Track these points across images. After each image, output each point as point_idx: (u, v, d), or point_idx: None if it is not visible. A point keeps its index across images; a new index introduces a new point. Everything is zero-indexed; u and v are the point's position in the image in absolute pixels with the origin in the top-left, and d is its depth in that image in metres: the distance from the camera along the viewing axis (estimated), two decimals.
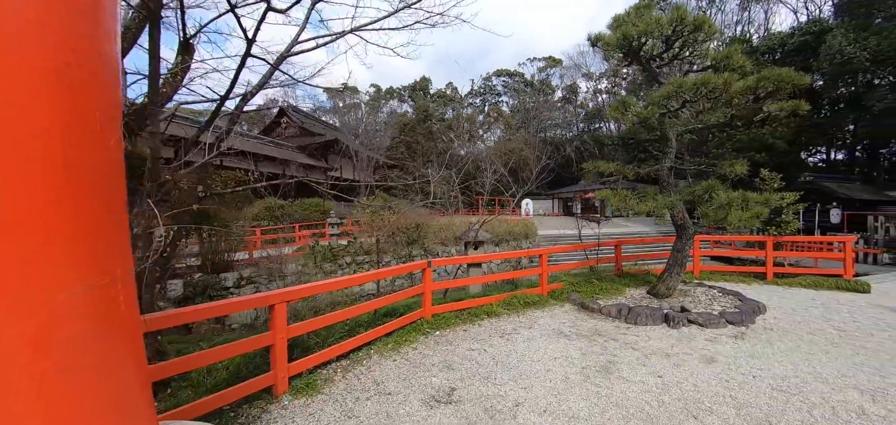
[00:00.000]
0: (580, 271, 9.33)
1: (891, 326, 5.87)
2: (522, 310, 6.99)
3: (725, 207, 6.03)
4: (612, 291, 7.78)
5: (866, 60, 25.97)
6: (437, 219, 26.94)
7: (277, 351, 3.99)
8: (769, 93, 6.32)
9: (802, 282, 8.66)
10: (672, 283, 7.19)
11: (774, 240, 9.02)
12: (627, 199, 6.87)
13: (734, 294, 7.33)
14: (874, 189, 25.14)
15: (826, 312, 6.66)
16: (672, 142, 7.36)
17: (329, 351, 4.65)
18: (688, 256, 7.22)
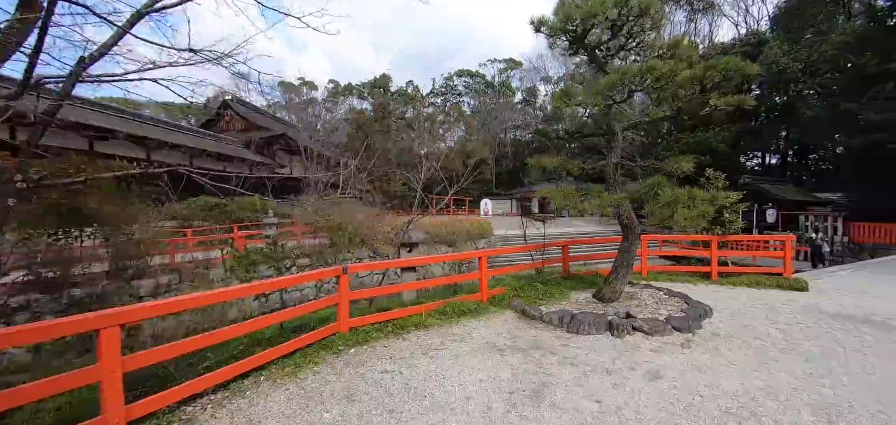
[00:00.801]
0: (527, 274, 8.76)
1: (832, 327, 5.64)
2: (457, 319, 6.25)
3: (671, 205, 5.59)
4: (556, 296, 7.22)
5: (798, 71, 27.69)
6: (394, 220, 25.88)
7: (107, 388, 2.98)
8: (716, 84, 5.96)
9: (745, 282, 8.55)
10: (618, 287, 6.72)
11: (719, 239, 8.88)
12: (571, 197, 6.32)
13: (681, 296, 6.98)
14: (804, 190, 26.81)
15: (770, 313, 6.42)
16: (618, 136, 6.92)
17: (197, 383, 3.65)
18: (635, 257, 6.79)
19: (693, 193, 5.56)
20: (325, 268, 6.38)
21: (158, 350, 3.47)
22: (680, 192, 5.53)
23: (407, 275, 7.40)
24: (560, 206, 6.37)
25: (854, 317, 6.24)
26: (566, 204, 6.29)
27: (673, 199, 5.53)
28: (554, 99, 6.32)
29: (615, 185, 6.77)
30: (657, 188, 5.87)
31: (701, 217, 6.33)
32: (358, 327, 5.64)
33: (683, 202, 5.52)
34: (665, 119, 6.80)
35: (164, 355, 3.46)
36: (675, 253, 14.00)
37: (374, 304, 7.23)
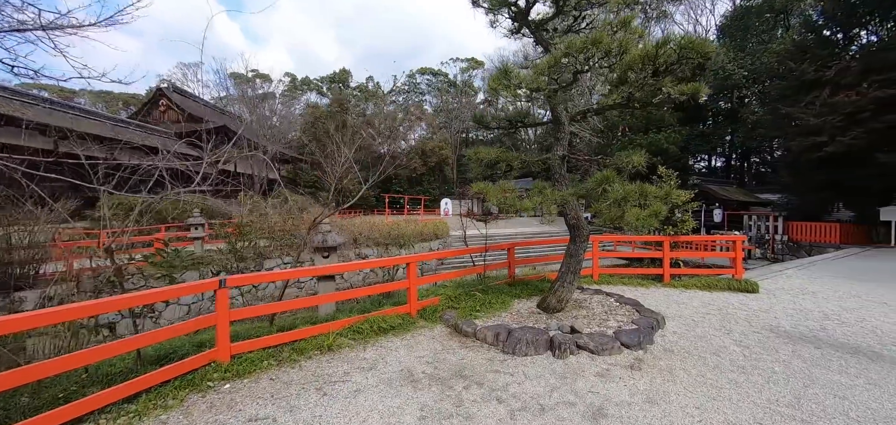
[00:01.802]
0: (469, 280, 7.87)
1: (791, 337, 5.11)
2: (375, 338, 5.23)
3: (621, 203, 4.85)
4: (497, 305, 6.36)
5: (743, 77, 28.88)
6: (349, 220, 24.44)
7: None
8: (669, 67, 5.29)
9: (697, 284, 8.10)
10: (564, 295, 5.94)
11: (671, 239, 8.41)
12: (507, 194, 5.46)
13: (632, 303, 6.31)
14: (747, 191, 27.97)
15: (724, 321, 5.86)
16: (565, 126, 6.15)
17: None
18: (583, 261, 6.04)
19: (645, 189, 4.85)
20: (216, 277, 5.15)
21: None
22: (630, 188, 4.81)
23: (323, 285, 6.28)
24: (498, 204, 5.47)
25: (810, 329, 5.78)
26: (502, 201, 5.43)
27: (623, 196, 4.79)
28: (490, 81, 5.41)
29: (561, 181, 5.99)
30: (606, 184, 5.12)
31: (653, 216, 5.68)
32: (243, 354, 4.49)
33: (634, 199, 4.79)
34: (616, 107, 6.10)
35: None
36: (631, 254, 13.68)
37: (277, 323, 6.05)
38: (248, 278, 5.68)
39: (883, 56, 17.29)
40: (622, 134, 27.09)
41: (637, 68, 5.13)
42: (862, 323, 5.75)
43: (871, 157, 16.32)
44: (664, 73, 5.23)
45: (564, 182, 5.97)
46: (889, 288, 8.35)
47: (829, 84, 18.68)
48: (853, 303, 7.00)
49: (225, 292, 4.41)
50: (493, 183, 5.74)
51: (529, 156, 6.07)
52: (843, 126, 17.13)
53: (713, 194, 23.67)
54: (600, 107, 6.34)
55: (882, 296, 7.64)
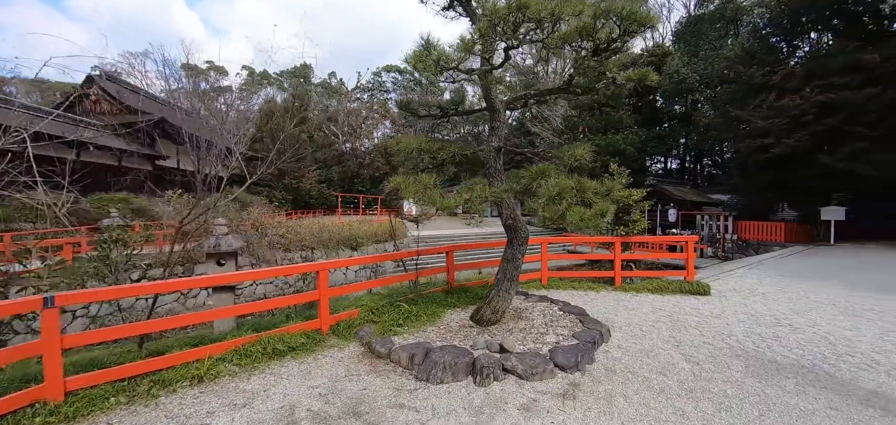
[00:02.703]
0: (402, 288, 7.01)
1: (744, 349, 4.59)
2: (267, 363, 4.29)
3: (556, 199, 4.15)
4: (425, 318, 5.54)
5: (696, 81, 29.72)
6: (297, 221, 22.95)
7: None
8: (612, 44, 4.66)
9: (649, 287, 7.63)
10: (500, 305, 5.21)
11: (622, 240, 7.92)
12: (427, 190, 4.65)
13: (577, 312, 5.67)
14: (700, 192, 28.77)
15: (675, 329, 5.32)
16: (501, 113, 5.42)
17: None
18: (521, 266, 5.33)
19: (583, 185, 4.17)
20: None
21: None
22: (565, 183, 4.11)
23: (219, 297, 5.24)
24: (415, 200, 4.64)
25: (762, 337, 5.33)
26: (421, 198, 4.61)
27: (557, 192, 4.08)
28: (411, 60, 4.56)
29: (497, 176, 5.26)
30: (541, 177, 4.41)
31: (599, 216, 5.05)
32: (84, 390, 3.45)
33: (570, 196, 4.10)
34: (557, 92, 5.44)
35: None
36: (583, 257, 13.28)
37: (162, 345, 4.97)
38: (85, 295, 4.42)
39: (824, 62, 17.95)
40: (582, 134, 27.12)
41: (574, 43, 4.45)
42: (814, 329, 5.36)
43: (814, 159, 16.84)
44: (606, 51, 4.58)
45: (500, 177, 5.24)
46: (834, 287, 8.22)
47: (776, 88, 19.25)
48: (802, 305, 6.70)
49: (53, 313, 3.34)
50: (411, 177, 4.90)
51: (458, 146, 5.30)
52: (788, 128, 17.62)
53: (668, 194, 24.05)
54: (539, 92, 5.66)
55: (828, 295, 7.44)
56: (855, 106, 15.69)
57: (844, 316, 6.06)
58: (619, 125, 26.31)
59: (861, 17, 18.74)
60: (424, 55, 4.73)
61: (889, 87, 15.07)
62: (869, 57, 15.75)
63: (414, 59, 4.74)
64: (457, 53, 4.74)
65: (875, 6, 18.36)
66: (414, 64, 4.76)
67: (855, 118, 15.80)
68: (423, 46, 4.78)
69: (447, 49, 4.77)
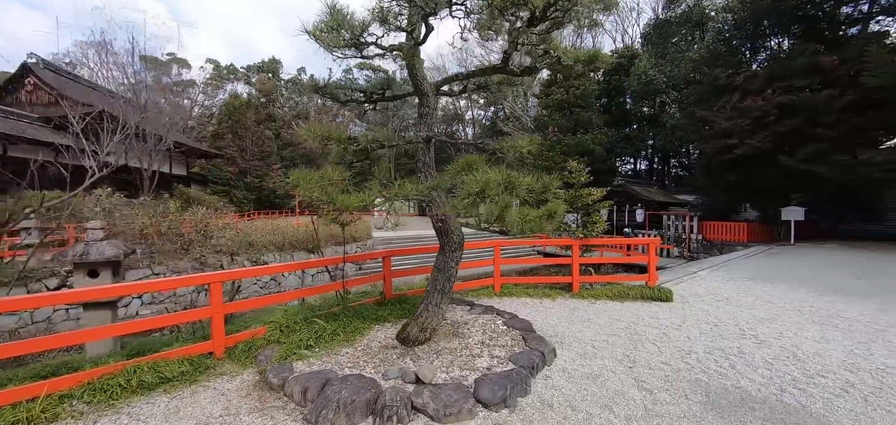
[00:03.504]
0: (329, 298, 6.13)
1: (706, 371, 3.96)
2: (127, 399, 3.39)
3: (480, 197, 3.38)
4: (344, 335, 4.69)
5: (663, 83, 29.96)
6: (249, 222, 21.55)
7: None
8: (549, 13, 3.93)
9: (608, 293, 7.03)
10: (429, 320, 4.41)
11: (581, 243, 7.29)
12: (330, 187, 3.81)
13: (523, 327, 4.94)
14: (667, 193, 29.02)
15: (631, 345, 4.66)
16: (430, 98, 4.64)
17: None
18: (455, 276, 4.56)
19: (512, 180, 3.41)
20: None
21: None
22: (491, 178, 3.34)
23: (92, 315, 4.23)
24: (314, 199, 3.77)
25: (726, 353, 4.74)
26: (321, 196, 3.76)
27: (480, 188, 3.31)
28: (314, 30, 3.68)
29: (425, 171, 4.47)
30: (467, 170, 3.64)
31: (544, 218, 4.35)
32: None
33: (496, 192, 3.33)
34: (493, 71, 4.69)
35: None
36: (535, 260, 12.70)
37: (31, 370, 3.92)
38: None
39: (786, 64, 18.14)
40: (552, 133, 26.82)
41: (507, 10, 3.70)
42: (780, 342, 4.82)
43: (775, 160, 16.92)
44: (544, 19, 3.86)
45: (429, 172, 4.45)
46: (797, 290, 7.86)
47: (739, 89, 19.36)
48: (767, 312, 6.23)
49: None
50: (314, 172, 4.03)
51: (373, 136, 4.48)
52: (751, 129, 17.68)
53: (636, 195, 24.00)
54: (471, 72, 4.89)
55: (792, 300, 7.03)
56: (815, 107, 15.83)
57: (810, 324, 5.58)
58: (588, 125, 26.14)
59: (819, 23, 19.09)
60: (331, 21, 3.88)
61: (847, 89, 15.24)
62: (828, 59, 15.92)
63: (317, 29, 3.89)
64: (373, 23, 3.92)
65: (832, 13, 18.73)
66: (317, 33, 3.90)
67: (814, 119, 15.94)
68: (330, 13, 3.92)
69: (357, 13, 3.94)
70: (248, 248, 15.71)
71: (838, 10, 18.73)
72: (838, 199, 19.32)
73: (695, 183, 26.55)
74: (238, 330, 4.84)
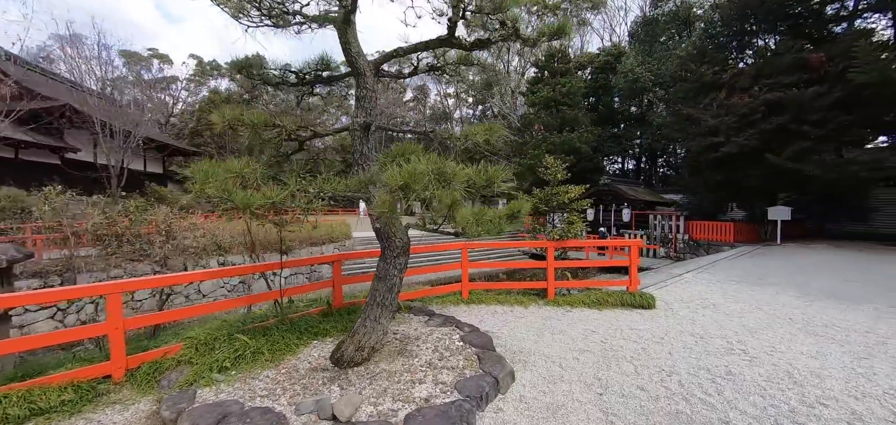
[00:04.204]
0: (268, 308, 5.43)
1: (688, 400, 3.35)
2: None
3: (404, 192, 2.71)
4: (267, 355, 3.99)
5: (650, 80, 29.66)
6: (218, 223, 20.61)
7: None
8: None
9: (586, 300, 6.42)
10: (366, 338, 3.74)
11: (556, 245, 6.67)
12: (229, 182, 3.11)
13: (481, 343, 4.29)
14: (653, 192, 28.70)
15: (604, 364, 4.04)
16: (368, 78, 3.96)
17: None
18: (399, 285, 3.89)
19: (445, 172, 2.74)
20: None
21: None
22: (418, 170, 2.67)
23: None
24: (211, 196, 3.05)
25: (712, 373, 4.15)
26: (217, 192, 3.06)
27: (404, 182, 2.64)
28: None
29: (364, 162, 3.79)
30: (401, 159, 2.98)
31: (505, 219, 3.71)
32: None
33: (424, 186, 2.67)
34: (439, 44, 4.02)
35: None
36: (495, 265, 12.11)
37: None
38: None
39: (773, 61, 17.83)
40: (538, 132, 26.31)
41: None
42: (773, 358, 4.24)
43: (762, 158, 16.58)
44: None
45: (367, 165, 3.78)
46: (787, 294, 7.36)
47: (726, 86, 19.03)
48: (756, 320, 5.68)
49: None
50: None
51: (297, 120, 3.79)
52: (737, 127, 17.32)
53: (623, 194, 23.59)
54: (414, 46, 4.21)
55: (783, 306, 6.51)
56: (801, 104, 15.50)
57: (805, 335, 5.03)
58: (574, 123, 25.69)
59: (805, 20, 18.82)
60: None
61: (835, 86, 14.93)
62: (815, 56, 15.61)
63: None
64: None
65: (818, 11, 18.48)
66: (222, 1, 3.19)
67: (801, 117, 15.61)
68: None
69: None
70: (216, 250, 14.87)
71: (824, 8, 18.50)
72: (824, 199, 19.09)
73: (681, 182, 26.26)
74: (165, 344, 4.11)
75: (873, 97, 14.27)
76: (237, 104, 41.50)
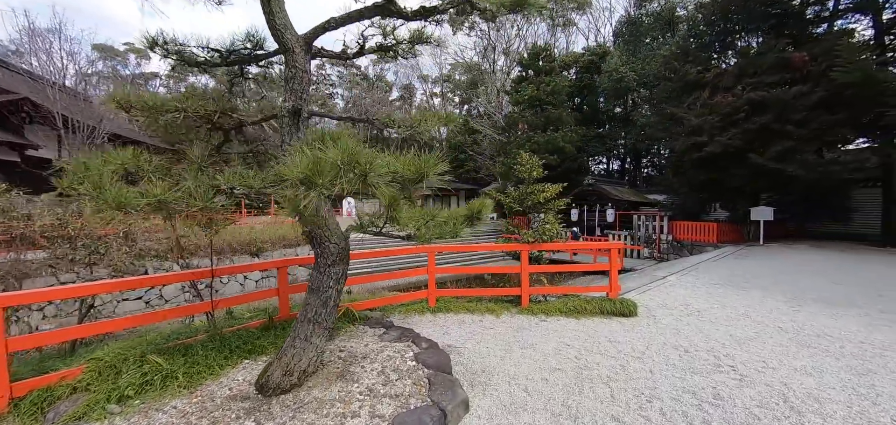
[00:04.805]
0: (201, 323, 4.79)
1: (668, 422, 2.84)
2: None
3: (307, 185, 2.12)
4: (182, 379, 3.36)
5: (634, 80, 29.53)
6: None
7: None
8: None
9: (563, 308, 5.91)
10: (296, 360, 3.14)
11: (530, 248, 6.14)
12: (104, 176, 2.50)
13: (436, 364, 3.72)
14: (638, 192, 28.59)
15: (576, 388, 3.52)
16: (298, 56, 3.36)
17: None
18: (335, 298, 3.31)
19: (357, 158, 2.15)
20: None
21: None
22: (324, 157, 2.09)
23: None
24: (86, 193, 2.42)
25: (698, 397, 3.66)
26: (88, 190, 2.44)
27: (306, 174, 2.06)
28: None
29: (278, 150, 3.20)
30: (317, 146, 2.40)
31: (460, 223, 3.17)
32: None
33: (327, 179, 2.08)
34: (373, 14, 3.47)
35: None
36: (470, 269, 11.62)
37: None
38: None
39: (756, 61, 17.69)
40: (522, 132, 25.92)
41: None
42: (765, 376, 3.77)
43: (745, 158, 16.40)
44: None
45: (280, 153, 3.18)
46: (774, 299, 6.97)
47: (709, 86, 18.85)
48: (745, 329, 5.23)
49: None
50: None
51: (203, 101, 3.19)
52: (721, 126, 17.13)
53: (607, 194, 23.34)
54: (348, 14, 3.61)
55: (771, 312, 6.10)
56: (784, 104, 15.34)
57: (797, 347, 4.59)
58: (559, 122, 25.37)
59: (788, 20, 18.76)
60: None
61: (817, 85, 14.79)
62: (798, 55, 15.48)
63: None
64: None
65: (800, 12, 18.43)
66: None
67: (784, 116, 15.46)
68: None
69: None
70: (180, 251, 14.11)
71: (805, 10, 18.48)
72: (806, 199, 19.05)
73: (665, 182, 26.12)
74: None
75: (855, 97, 14.16)
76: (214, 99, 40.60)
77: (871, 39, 16.48)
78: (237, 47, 3.80)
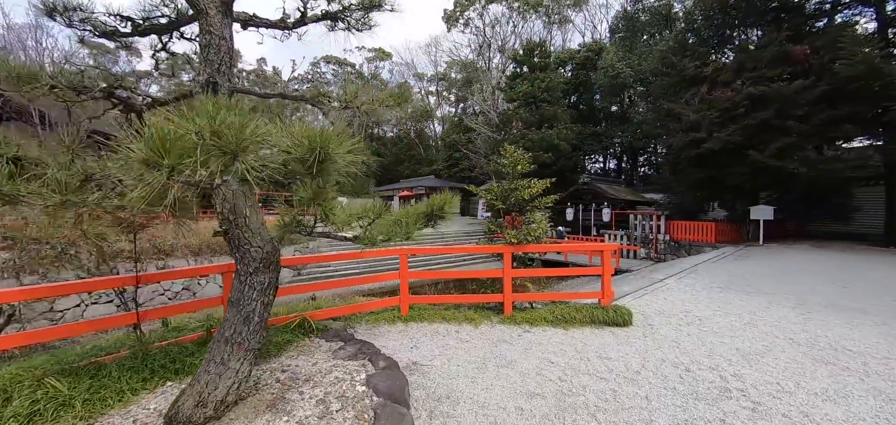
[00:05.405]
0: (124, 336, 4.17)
1: None
2: None
3: (149, 168, 1.53)
4: (80, 409, 2.75)
5: (631, 76, 29.00)
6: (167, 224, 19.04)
7: None
8: None
9: (549, 317, 5.33)
10: (211, 389, 2.54)
11: (514, 249, 5.55)
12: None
13: (387, 392, 3.11)
14: (634, 191, 28.06)
15: (556, 419, 2.93)
16: (212, 16, 2.76)
17: None
18: (261, 313, 2.71)
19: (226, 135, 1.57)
20: None
21: None
22: (181, 133, 1.51)
23: None
24: None
25: (702, 422, 3.07)
26: None
27: (152, 155, 1.47)
28: None
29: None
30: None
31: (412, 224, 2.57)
32: None
33: (191, 161, 1.50)
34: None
35: None
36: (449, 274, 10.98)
37: None
38: None
39: (756, 54, 17.17)
40: (516, 130, 25.36)
41: None
42: (780, 404, 3.20)
43: (745, 155, 15.87)
44: None
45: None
46: (781, 306, 6.41)
47: (707, 80, 18.33)
48: (751, 342, 4.66)
49: None
50: None
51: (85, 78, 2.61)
52: (719, 122, 16.61)
53: (603, 193, 22.79)
54: None
55: (779, 320, 5.54)
56: (785, 98, 14.82)
57: (813, 364, 4.02)
58: (554, 120, 24.83)
59: (787, 13, 18.24)
60: None
61: (820, 79, 14.27)
62: (799, 48, 14.95)
63: None
64: None
65: (800, 6, 17.93)
66: None
67: (785, 111, 14.93)
68: None
69: None
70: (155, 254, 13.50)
71: (805, 2, 17.98)
72: (807, 198, 18.58)
73: (662, 181, 25.60)
74: None
75: (859, 92, 13.65)
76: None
77: (875, 33, 15.99)
78: (154, 14, 3.20)
